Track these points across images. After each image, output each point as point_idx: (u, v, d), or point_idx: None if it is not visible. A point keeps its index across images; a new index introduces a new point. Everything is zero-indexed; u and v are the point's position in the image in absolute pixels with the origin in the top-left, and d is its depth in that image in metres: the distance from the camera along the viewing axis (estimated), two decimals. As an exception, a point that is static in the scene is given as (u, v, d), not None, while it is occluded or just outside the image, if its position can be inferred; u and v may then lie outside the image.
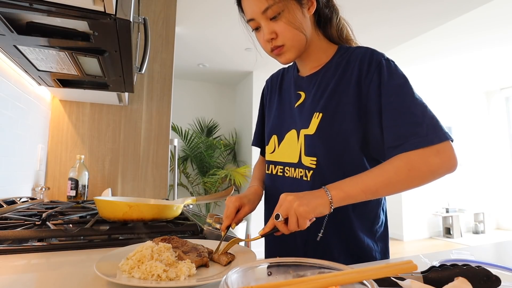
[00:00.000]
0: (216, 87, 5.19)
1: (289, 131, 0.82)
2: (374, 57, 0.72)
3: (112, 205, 0.81)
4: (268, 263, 0.34)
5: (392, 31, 3.26)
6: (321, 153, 0.74)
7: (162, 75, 2.04)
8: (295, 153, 0.79)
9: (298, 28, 0.74)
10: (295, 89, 0.86)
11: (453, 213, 5.31)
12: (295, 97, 0.85)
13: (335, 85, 0.76)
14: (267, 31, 0.73)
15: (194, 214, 1.07)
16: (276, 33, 0.73)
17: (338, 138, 0.73)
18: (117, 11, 0.69)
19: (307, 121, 0.77)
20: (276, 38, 0.74)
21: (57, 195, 1.70)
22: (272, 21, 0.73)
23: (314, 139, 0.75)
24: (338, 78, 0.76)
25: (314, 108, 0.77)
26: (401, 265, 0.28)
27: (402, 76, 0.69)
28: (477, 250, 0.74)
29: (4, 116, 1.13)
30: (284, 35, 0.73)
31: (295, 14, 0.73)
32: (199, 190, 4.79)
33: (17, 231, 0.65)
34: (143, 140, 1.95)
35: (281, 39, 0.73)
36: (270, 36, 0.73)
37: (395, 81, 0.68)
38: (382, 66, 0.70)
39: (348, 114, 0.72)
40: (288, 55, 0.76)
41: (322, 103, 0.76)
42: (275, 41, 0.74)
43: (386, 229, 0.80)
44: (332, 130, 0.73)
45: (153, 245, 0.52)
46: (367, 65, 0.72)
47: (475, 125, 6.12)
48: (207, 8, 2.83)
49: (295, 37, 0.74)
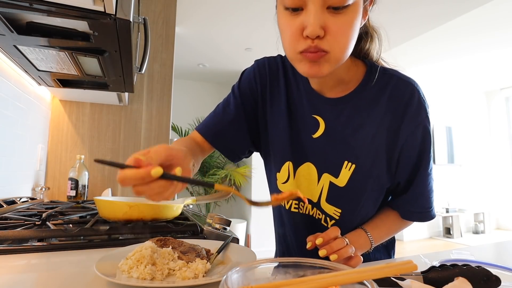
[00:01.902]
0: (216, 87, 5.19)
1: (306, 162, 0.69)
2: (421, 111, 0.62)
3: (112, 205, 0.81)
4: (268, 263, 0.34)
5: (392, 32, 3.26)
6: (349, 207, 0.67)
7: (162, 75, 2.04)
8: (314, 193, 0.69)
9: (354, 37, 0.54)
10: (310, 110, 0.68)
11: (453, 213, 5.31)
12: (312, 121, 0.68)
13: (372, 128, 0.63)
14: (315, 22, 0.49)
15: (194, 214, 1.07)
16: (325, 31, 0.51)
17: (370, 193, 0.66)
18: (117, 11, 0.69)
19: (334, 168, 0.66)
20: (322, 38, 0.51)
21: (57, 195, 1.70)
22: (330, 11, 0.50)
23: (343, 192, 0.65)
24: (377, 119, 0.63)
25: (344, 154, 0.65)
26: (401, 265, 0.28)
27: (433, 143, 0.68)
28: (477, 250, 0.74)
29: (4, 116, 1.13)
30: (337, 39, 0.51)
31: (358, 17, 0.53)
32: (199, 190, 4.79)
33: (17, 231, 0.65)
34: (143, 140, 1.95)
35: (329, 43, 0.51)
36: (318, 31, 0.50)
37: (428, 159, 0.65)
38: (427, 131, 0.63)
39: (383, 168, 0.64)
40: (325, 68, 0.54)
41: (356, 152, 0.64)
42: (319, 42, 0.51)
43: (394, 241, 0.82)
44: (366, 186, 0.65)
45: (152, 245, 0.52)
46: (411, 116, 0.61)
47: (475, 125, 6.12)
48: (207, 8, 2.83)
49: (346, 47, 0.53)
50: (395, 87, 0.63)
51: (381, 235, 0.69)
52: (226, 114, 0.75)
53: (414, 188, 0.66)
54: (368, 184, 0.65)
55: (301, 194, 0.44)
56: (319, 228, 0.70)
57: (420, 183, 0.66)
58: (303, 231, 0.74)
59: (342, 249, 0.54)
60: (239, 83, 0.78)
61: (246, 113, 0.75)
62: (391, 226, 0.71)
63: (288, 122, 0.71)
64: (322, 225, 0.70)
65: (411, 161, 0.64)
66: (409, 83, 0.63)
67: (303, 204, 0.72)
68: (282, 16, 0.55)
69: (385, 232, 0.70)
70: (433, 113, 5.56)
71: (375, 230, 0.68)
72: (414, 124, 0.62)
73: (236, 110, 0.74)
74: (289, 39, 0.54)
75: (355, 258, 0.57)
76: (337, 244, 0.55)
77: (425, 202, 0.68)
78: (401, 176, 0.66)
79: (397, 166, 0.65)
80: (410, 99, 0.61)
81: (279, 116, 0.72)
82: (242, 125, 0.75)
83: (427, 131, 0.63)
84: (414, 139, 0.62)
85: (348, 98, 0.65)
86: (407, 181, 0.67)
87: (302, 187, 0.70)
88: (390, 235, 0.73)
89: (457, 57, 4.12)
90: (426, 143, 0.63)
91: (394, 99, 0.62)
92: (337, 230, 0.58)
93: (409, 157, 0.64)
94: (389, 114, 0.62)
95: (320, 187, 0.68)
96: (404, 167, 0.65)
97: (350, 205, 0.67)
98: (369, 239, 0.66)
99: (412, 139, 0.62)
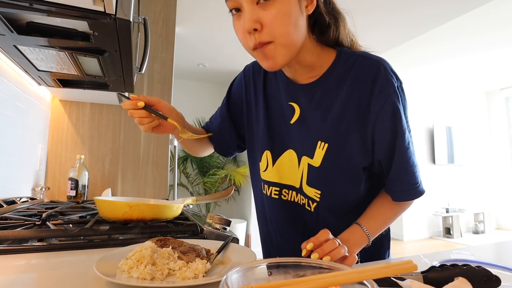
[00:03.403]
0: (216, 87, 5.19)
1: (286, 150, 0.73)
2: (388, 86, 0.63)
3: (112, 205, 0.81)
4: (268, 263, 0.34)
5: (391, 32, 3.26)
6: (327, 188, 0.68)
7: (162, 75, 2.04)
8: (296, 178, 0.72)
9: (293, 23, 0.58)
10: (286, 98, 0.73)
11: (453, 213, 5.31)
12: (288, 109, 0.73)
13: (341, 108, 0.66)
14: (249, 17, 0.56)
15: (194, 214, 1.07)
16: (261, 23, 0.56)
17: (346, 172, 0.68)
18: (117, 11, 0.69)
19: (309, 149, 0.69)
20: (261, 31, 0.56)
21: (57, 195, 1.70)
22: (260, 5, 0.56)
23: (320, 172, 0.68)
24: (345, 98, 0.66)
25: (317, 135, 0.68)
26: (401, 265, 0.28)
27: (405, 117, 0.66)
28: (477, 250, 0.74)
29: (4, 116, 1.13)
30: (274, 28, 0.56)
31: (291, 5, 0.57)
32: (199, 190, 4.79)
33: (17, 231, 0.65)
34: (143, 140, 1.95)
35: (268, 33, 0.56)
36: (253, 25, 0.56)
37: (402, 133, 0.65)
38: (395, 106, 0.64)
39: (357, 146, 0.66)
40: (278, 58, 0.59)
41: (327, 131, 0.67)
42: (259, 35, 0.57)
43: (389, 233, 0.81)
44: (340, 164, 0.67)
45: (152, 245, 0.52)
46: (378, 91, 0.63)
47: (475, 125, 6.12)
48: (207, 8, 2.83)
49: (288, 33, 0.57)
50: (360, 65, 0.66)
51: (377, 226, 0.68)
52: (217, 115, 0.89)
53: (396, 165, 0.66)
54: (341, 162, 0.67)
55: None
56: (304, 213, 0.73)
57: (400, 158, 0.66)
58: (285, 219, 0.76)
59: (334, 250, 0.54)
60: (230, 89, 0.88)
61: (233, 115, 0.86)
62: (386, 212, 0.70)
63: (266, 114, 0.76)
64: (306, 209, 0.72)
65: (386, 137, 0.65)
66: (375, 60, 0.65)
67: (286, 191, 0.74)
68: (233, 20, 0.62)
69: (382, 221, 0.69)
70: (433, 113, 5.61)
71: (370, 222, 0.67)
72: (382, 99, 0.63)
73: (223, 113, 0.87)
74: (241, 39, 0.61)
75: (349, 257, 0.56)
76: (328, 246, 0.54)
77: (411, 178, 0.68)
78: (379, 154, 0.67)
79: (372, 143, 0.66)
80: (376, 76, 0.63)
81: (260, 110, 0.78)
82: (229, 125, 0.86)
83: (395, 106, 0.63)
84: (385, 114, 0.64)
85: (319, 82, 0.69)
86: (387, 159, 0.67)
87: (285, 174, 0.74)
88: (388, 222, 0.71)
89: (457, 57, 4.12)
90: (397, 117, 0.64)
91: (360, 77, 0.65)
92: (327, 233, 0.57)
93: (382, 133, 0.65)
94: (357, 92, 0.65)
95: (301, 172, 0.71)
96: (380, 143, 0.66)
97: (327, 186, 0.68)
98: (365, 233, 0.65)
99: (382, 114, 0.64)
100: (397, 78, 0.65)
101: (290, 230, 0.76)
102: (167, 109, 0.72)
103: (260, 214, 0.84)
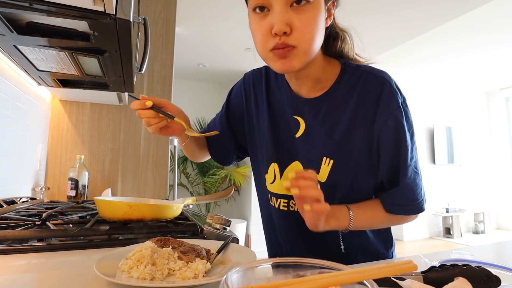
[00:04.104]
0: (216, 87, 5.19)
1: (293, 162, 0.73)
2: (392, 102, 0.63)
3: (112, 205, 0.81)
4: (268, 263, 0.34)
5: (391, 32, 3.25)
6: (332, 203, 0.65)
7: (162, 75, 2.04)
8: None
9: (319, 32, 0.58)
10: (291, 112, 0.73)
11: (453, 213, 5.31)
12: (293, 122, 0.72)
13: (347, 125, 0.65)
14: (281, 19, 0.54)
15: (194, 214, 1.07)
16: (291, 27, 0.55)
17: (352, 188, 0.67)
18: (117, 11, 0.69)
19: (315, 164, 0.68)
20: (289, 35, 0.56)
21: (57, 195, 1.70)
22: (293, 8, 0.55)
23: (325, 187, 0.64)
24: (350, 115, 0.65)
25: (322, 151, 0.68)
26: (401, 265, 0.28)
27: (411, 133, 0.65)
28: (477, 250, 0.74)
29: (4, 116, 1.13)
30: (302, 33, 0.56)
31: (320, 13, 0.57)
32: (199, 190, 4.79)
33: (17, 231, 0.65)
34: (143, 140, 1.95)
35: (296, 37, 0.56)
36: (284, 27, 0.54)
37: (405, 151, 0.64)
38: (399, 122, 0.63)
39: (363, 163, 0.66)
40: (295, 61, 0.58)
41: (333, 147, 0.66)
42: (286, 38, 0.56)
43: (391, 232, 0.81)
44: (346, 181, 0.67)
45: (152, 245, 0.52)
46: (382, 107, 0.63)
47: (475, 125, 6.12)
48: (207, 8, 2.83)
49: (312, 40, 0.57)
50: (366, 81, 0.65)
51: (363, 219, 0.67)
52: (216, 123, 0.88)
53: (394, 179, 0.65)
54: (347, 179, 0.66)
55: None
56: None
57: (400, 174, 0.65)
58: (294, 230, 0.75)
59: (308, 187, 0.53)
60: (229, 97, 0.86)
61: (232, 124, 0.84)
62: (376, 214, 0.69)
63: (271, 125, 0.75)
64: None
65: (389, 152, 0.65)
66: (380, 76, 0.66)
67: (293, 202, 0.73)
68: (252, 19, 0.60)
69: (368, 218, 0.68)
70: (433, 113, 5.61)
71: (358, 211, 0.66)
72: (385, 114, 0.63)
73: (222, 122, 0.85)
74: (260, 39, 0.59)
75: (321, 204, 0.54)
76: (304, 182, 0.53)
77: (408, 194, 0.67)
78: (382, 169, 0.66)
79: (378, 159, 0.66)
80: (381, 91, 0.64)
81: (263, 121, 0.77)
82: (228, 134, 0.85)
83: (399, 122, 0.63)
84: (388, 130, 0.63)
85: (324, 97, 0.68)
86: (387, 174, 0.66)
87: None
88: (373, 224, 0.70)
89: (457, 57, 4.12)
90: (400, 133, 0.64)
91: (366, 93, 0.65)
92: (313, 173, 0.56)
93: (386, 148, 0.65)
94: (363, 109, 0.65)
95: None
96: (383, 159, 0.65)
97: (333, 201, 0.66)
98: (350, 216, 0.64)
99: (386, 130, 0.63)
100: (401, 94, 0.65)
101: (299, 239, 0.76)
102: (175, 111, 0.72)
103: (267, 222, 0.83)
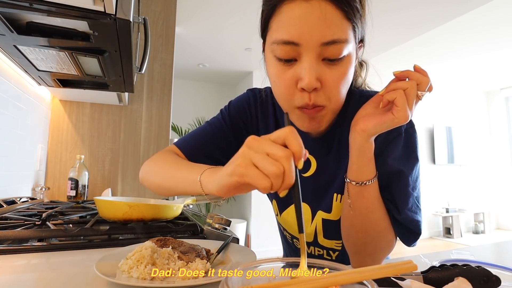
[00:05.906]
0: (216, 87, 5.19)
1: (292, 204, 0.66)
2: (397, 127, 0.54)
3: (112, 205, 0.81)
4: (268, 263, 0.34)
5: (392, 33, 3.25)
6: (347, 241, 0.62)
7: (162, 75, 2.04)
8: (309, 233, 0.67)
9: (348, 85, 0.51)
10: None
11: (453, 213, 5.31)
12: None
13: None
14: (312, 74, 0.46)
15: (194, 214, 1.07)
16: (321, 83, 0.48)
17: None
18: (117, 11, 0.69)
19: (326, 203, 0.64)
20: (318, 91, 0.48)
21: (57, 195, 1.70)
22: (326, 62, 0.47)
23: (339, 224, 0.61)
24: None
25: (333, 188, 0.62)
26: (401, 265, 0.28)
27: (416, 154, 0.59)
28: (477, 250, 0.74)
29: (4, 116, 1.13)
30: (333, 91, 0.49)
31: (352, 66, 0.50)
32: (199, 190, 4.78)
33: (17, 231, 0.65)
34: (143, 140, 1.95)
35: (326, 95, 0.49)
36: (315, 83, 0.47)
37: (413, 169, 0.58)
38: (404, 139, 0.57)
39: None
40: (324, 122, 0.53)
41: (343, 182, 0.60)
42: (315, 95, 0.48)
43: None
44: None
45: (152, 245, 0.52)
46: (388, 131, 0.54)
47: (475, 125, 6.12)
48: (207, 8, 2.83)
49: (342, 99, 0.51)
50: None
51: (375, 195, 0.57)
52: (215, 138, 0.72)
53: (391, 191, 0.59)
54: None
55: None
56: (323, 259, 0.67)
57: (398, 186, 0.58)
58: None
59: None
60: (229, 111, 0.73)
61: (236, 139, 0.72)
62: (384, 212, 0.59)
63: None
64: (326, 258, 0.68)
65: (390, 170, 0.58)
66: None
67: (297, 241, 0.70)
68: (273, 65, 0.51)
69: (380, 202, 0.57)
70: (433, 113, 5.61)
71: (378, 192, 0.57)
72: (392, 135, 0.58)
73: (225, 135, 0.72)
74: (283, 92, 0.51)
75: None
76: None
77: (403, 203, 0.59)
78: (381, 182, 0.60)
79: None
80: None
81: None
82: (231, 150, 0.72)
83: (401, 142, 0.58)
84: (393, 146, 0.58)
85: (333, 131, 0.62)
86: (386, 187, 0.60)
87: (294, 227, 0.68)
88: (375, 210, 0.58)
89: (457, 57, 4.12)
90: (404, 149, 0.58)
91: None
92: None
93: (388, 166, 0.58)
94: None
95: (314, 227, 0.66)
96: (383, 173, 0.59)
97: (348, 240, 0.61)
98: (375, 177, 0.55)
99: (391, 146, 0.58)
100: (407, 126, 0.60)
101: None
102: None
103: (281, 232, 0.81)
